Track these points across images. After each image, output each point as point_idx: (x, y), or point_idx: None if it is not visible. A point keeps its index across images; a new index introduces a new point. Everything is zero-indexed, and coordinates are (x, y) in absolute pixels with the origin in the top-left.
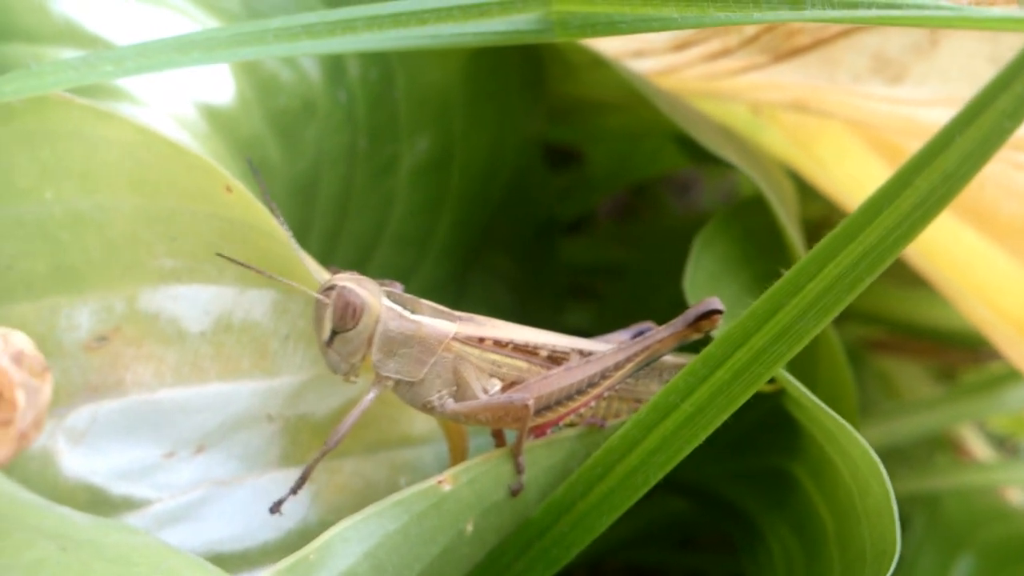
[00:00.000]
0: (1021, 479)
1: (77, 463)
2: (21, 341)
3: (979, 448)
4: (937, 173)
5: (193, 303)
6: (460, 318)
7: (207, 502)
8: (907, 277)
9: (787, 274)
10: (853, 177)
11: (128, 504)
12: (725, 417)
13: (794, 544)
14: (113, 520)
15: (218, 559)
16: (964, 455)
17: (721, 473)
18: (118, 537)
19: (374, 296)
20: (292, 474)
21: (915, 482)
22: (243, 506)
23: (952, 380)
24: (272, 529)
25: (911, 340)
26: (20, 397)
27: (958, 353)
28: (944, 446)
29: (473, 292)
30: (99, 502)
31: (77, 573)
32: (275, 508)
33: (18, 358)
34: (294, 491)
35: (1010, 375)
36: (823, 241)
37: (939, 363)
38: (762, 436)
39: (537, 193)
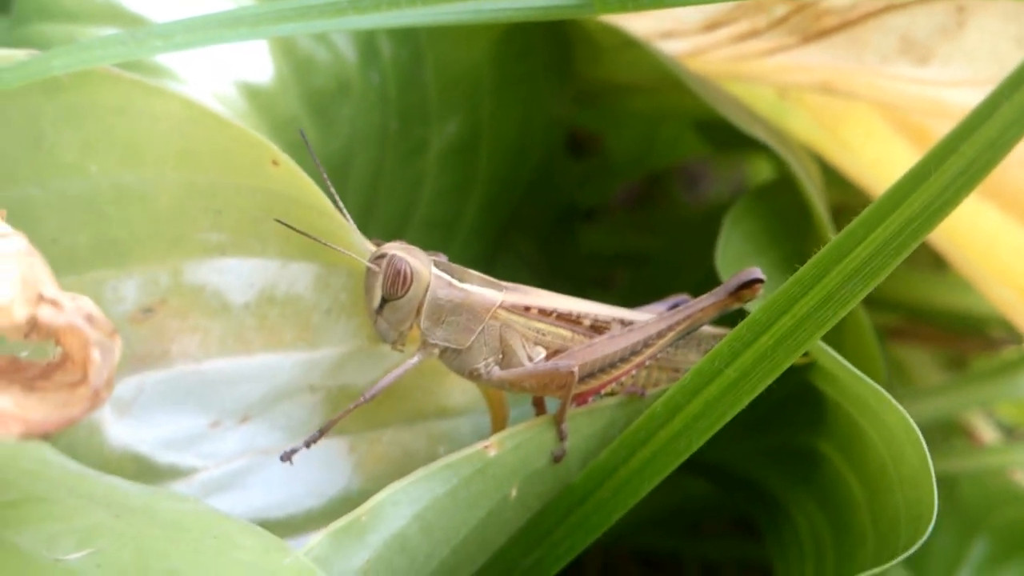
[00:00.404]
0: None
1: (124, 433)
2: (89, 304)
3: (989, 435)
4: (985, 136)
5: (237, 276)
6: (506, 287)
7: (252, 471)
8: (925, 260)
9: (834, 239)
10: (878, 159)
11: (174, 473)
12: (768, 383)
13: (821, 519)
14: (163, 488)
15: (263, 526)
16: (974, 441)
17: (745, 452)
18: (169, 504)
19: (424, 265)
20: (334, 444)
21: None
22: (287, 475)
23: (962, 368)
24: (315, 497)
25: (923, 327)
26: (96, 355)
27: (969, 340)
28: (956, 433)
29: (500, 275)
30: (145, 471)
31: (132, 538)
32: (286, 456)
33: (90, 319)
34: (307, 444)
35: (1021, 361)
36: (871, 206)
37: (949, 351)
38: (787, 414)
39: (559, 179)
